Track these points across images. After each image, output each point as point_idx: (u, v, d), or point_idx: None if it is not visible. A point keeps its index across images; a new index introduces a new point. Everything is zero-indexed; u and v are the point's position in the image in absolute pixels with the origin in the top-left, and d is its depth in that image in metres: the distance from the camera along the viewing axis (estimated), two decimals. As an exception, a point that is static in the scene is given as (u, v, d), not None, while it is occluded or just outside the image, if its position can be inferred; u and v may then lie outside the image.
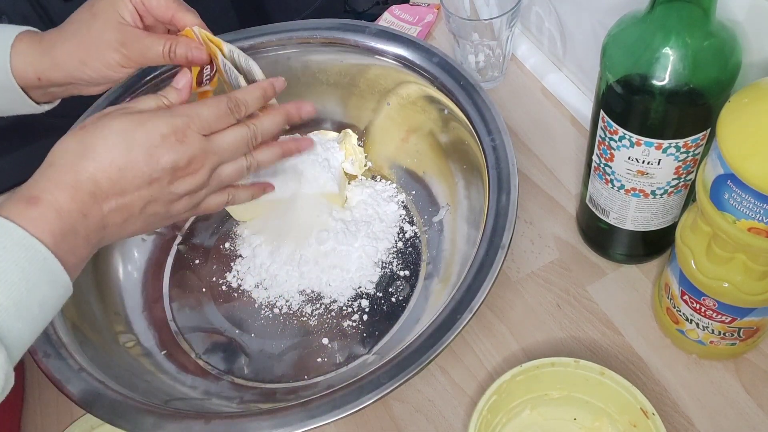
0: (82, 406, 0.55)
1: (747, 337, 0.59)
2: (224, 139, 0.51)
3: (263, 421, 0.53)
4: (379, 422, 0.62)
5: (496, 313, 0.67)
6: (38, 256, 0.42)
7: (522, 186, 0.73)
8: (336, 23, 0.74)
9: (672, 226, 0.61)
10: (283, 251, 0.69)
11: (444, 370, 0.64)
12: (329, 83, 0.76)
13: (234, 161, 0.53)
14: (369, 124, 0.77)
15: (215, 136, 0.51)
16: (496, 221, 0.59)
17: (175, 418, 0.54)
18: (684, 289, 0.57)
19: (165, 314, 0.69)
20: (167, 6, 0.56)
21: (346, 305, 0.68)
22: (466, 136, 0.67)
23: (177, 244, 0.74)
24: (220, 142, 0.51)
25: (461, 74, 0.68)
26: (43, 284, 0.42)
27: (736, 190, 0.46)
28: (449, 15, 0.76)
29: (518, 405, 0.59)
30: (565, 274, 0.68)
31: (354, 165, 0.74)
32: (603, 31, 0.70)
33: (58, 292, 0.44)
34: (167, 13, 0.56)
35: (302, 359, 0.65)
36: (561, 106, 0.80)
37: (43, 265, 0.42)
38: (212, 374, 0.65)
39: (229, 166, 0.53)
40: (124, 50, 0.55)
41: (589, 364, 0.57)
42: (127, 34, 0.55)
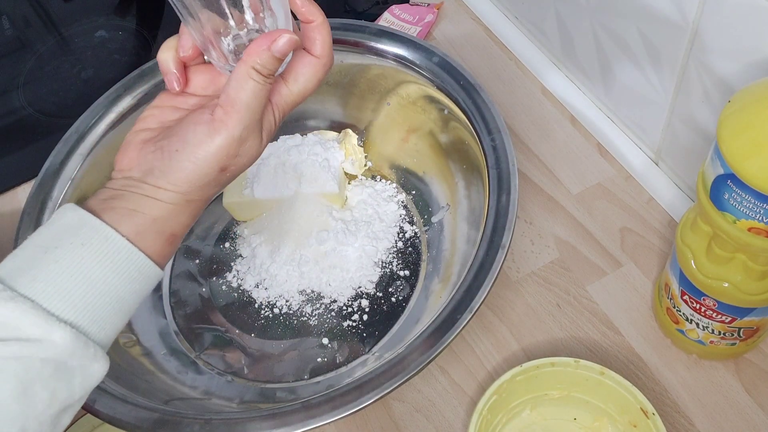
0: (82, 406, 0.55)
1: (747, 337, 0.59)
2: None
3: (263, 421, 0.53)
4: (379, 422, 0.62)
5: (496, 313, 0.67)
6: (152, 274, 0.45)
7: (522, 186, 0.74)
8: (336, 23, 0.74)
9: None
10: (283, 251, 0.69)
11: (444, 370, 0.64)
12: (329, 83, 0.76)
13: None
14: (369, 124, 0.77)
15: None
16: (496, 221, 0.59)
17: (175, 418, 0.54)
18: (684, 289, 0.57)
19: (165, 314, 0.69)
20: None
21: (346, 305, 0.68)
22: (466, 136, 0.67)
23: (177, 244, 0.74)
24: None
25: (461, 74, 0.68)
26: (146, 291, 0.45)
27: (736, 190, 0.46)
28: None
29: (518, 405, 0.59)
30: (565, 274, 0.68)
31: (354, 165, 0.74)
32: (603, 30, 0.71)
33: (153, 282, 0.45)
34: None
35: (302, 359, 0.65)
36: (561, 106, 0.80)
37: (154, 278, 0.45)
38: (212, 374, 0.65)
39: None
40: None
41: (589, 364, 0.57)
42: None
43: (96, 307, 0.41)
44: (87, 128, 0.69)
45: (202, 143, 0.45)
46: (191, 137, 0.45)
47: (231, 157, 0.46)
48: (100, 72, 0.89)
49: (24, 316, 0.38)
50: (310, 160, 0.72)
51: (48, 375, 0.39)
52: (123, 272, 0.42)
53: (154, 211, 0.44)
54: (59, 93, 0.87)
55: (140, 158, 0.46)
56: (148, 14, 0.95)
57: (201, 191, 0.46)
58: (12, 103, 0.86)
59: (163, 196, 0.45)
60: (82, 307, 0.40)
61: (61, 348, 0.39)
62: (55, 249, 0.41)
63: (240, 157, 0.46)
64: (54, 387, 0.39)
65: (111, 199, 0.44)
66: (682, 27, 0.61)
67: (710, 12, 0.57)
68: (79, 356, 0.40)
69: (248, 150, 0.47)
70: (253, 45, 0.45)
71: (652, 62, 0.67)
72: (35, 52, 0.92)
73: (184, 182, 0.45)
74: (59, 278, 0.40)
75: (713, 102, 0.62)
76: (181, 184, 0.45)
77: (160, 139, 0.46)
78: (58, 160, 0.68)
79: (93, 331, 0.41)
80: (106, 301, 0.41)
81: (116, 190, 0.45)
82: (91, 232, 0.42)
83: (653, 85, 0.68)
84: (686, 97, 0.65)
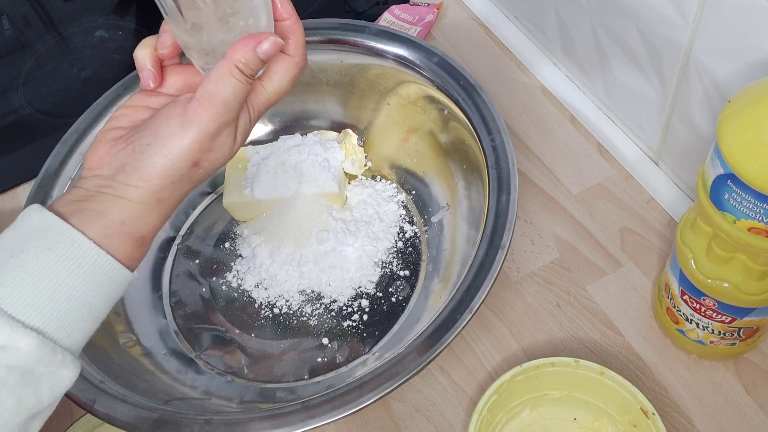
0: (82, 406, 0.55)
1: (747, 337, 0.59)
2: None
3: (263, 421, 0.53)
4: (379, 422, 0.62)
5: (496, 313, 0.67)
6: (121, 278, 0.44)
7: (522, 186, 0.74)
8: (336, 23, 0.74)
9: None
10: (283, 251, 0.69)
11: (444, 370, 0.64)
12: (329, 83, 0.76)
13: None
14: (369, 124, 0.77)
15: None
16: (496, 221, 0.59)
17: (175, 418, 0.54)
18: (684, 289, 0.57)
19: (165, 314, 0.69)
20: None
21: (346, 305, 0.68)
22: (466, 136, 0.67)
23: (177, 244, 0.74)
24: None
25: (461, 74, 0.68)
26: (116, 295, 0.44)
27: (736, 190, 0.46)
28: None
29: (518, 405, 0.59)
30: (565, 274, 0.68)
31: (354, 165, 0.74)
32: (603, 30, 0.71)
33: (123, 286, 0.44)
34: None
35: (302, 359, 0.65)
36: (561, 106, 0.80)
37: (123, 283, 0.44)
38: (212, 374, 0.65)
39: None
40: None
41: (589, 364, 0.57)
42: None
43: (63, 312, 0.40)
44: (87, 128, 0.70)
45: (174, 136, 0.44)
46: (163, 130, 0.45)
47: (204, 152, 0.45)
48: (100, 72, 0.89)
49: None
50: (310, 160, 0.72)
51: (14, 382, 0.38)
52: (90, 277, 0.41)
53: (123, 212, 0.44)
54: (59, 93, 0.87)
55: (110, 156, 0.45)
56: (147, 14, 0.95)
57: (173, 188, 0.45)
58: (12, 102, 0.86)
59: (132, 195, 0.44)
60: (49, 313, 0.40)
61: (27, 355, 0.38)
62: (21, 253, 0.40)
63: (213, 152, 0.46)
64: (20, 394, 0.39)
65: (79, 200, 0.44)
66: (682, 27, 0.61)
67: (710, 12, 0.57)
68: (47, 363, 0.39)
69: (221, 146, 0.46)
70: (238, 44, 0.45)
71: (652, 62, 0.67)
72: (35, 52, 0.92)
73: (156, 178, 0.44)
74: (24, 283, 0.39)
75: (713, 102, 0.62)
76: (153, 180, 0.44)
77: (131, 136, 0.46)
78: (58, 160, 0.68)
79: (60, 337, 0.40)
80: (74, 306, 0.41)
81: (85, 190, 0.44)
82: (57, 236, 0.41)
83: (653, 85, 0.68)
84: (686, 96, 0.65)
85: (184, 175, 0.45)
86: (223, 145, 0.46)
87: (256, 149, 0.74)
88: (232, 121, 0.46)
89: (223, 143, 0.46)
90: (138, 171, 0.44)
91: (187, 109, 0.45)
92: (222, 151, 0.47)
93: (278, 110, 0.78)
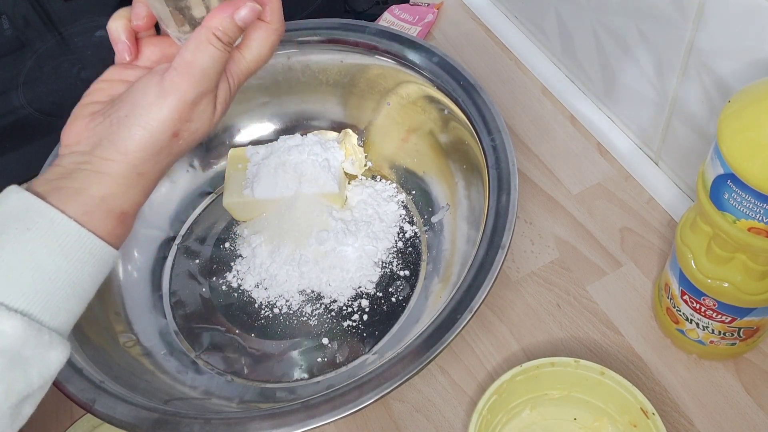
0: (82, 406, 0.55)
1: (747, 337, 0.59)
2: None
3: (263, 421, 0.53)
4: (379, 422, 0.62)
5: (496, 313, 0.67)
6: (105, 255, 0.43)
7: (522, 186, 0.74)
8: (336, 23, 0.74)
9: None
10: (283, 251, 0.69)
11: (444, 370, 0.64)
12: (329, 83, 0.76)
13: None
14: (369, 124, 0.77)
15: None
16: (496, 221, 0.59)
17: (175, 418, 0.54)
18: (684, 289, 0.57)
19: (165, 314, 0.69)
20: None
21: (346, 305, 0.68)
22: (466, 136, 0.67)
23: (177, 244, 0.74)
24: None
25: (461, 74, 0.68)
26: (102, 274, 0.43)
27: (736, 190, 0.46)
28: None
29: (518, 405, 0.59)
30: (565, 274, 0.68)
31: (354, 165, 0.74)
32: (603, 30, 0.71)
33: (109, 263, 0.44)
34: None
35: (302, 359, 0.66)
36: (561, 106, 0.80)
37: (108, 260, 0.43)
38: (212, 374, 0.65)
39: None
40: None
41: (589, 364, 0.57)
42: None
43: (47, 293, 0.40)
44: (87, 128, 0.69)
45: (152, 106, 0.44)
46: (140, 100, 0.44)
47: (183, 122, 0.45)
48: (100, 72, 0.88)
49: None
50: (310, 160, 0.72)
51: (2, 367, 0.38)
52: (73, 256, 0.41)
53: (103, 188, 0.43)
54: (59, 92, 0.87)
55: (88, 131, 0.45)
56: (148, 14, 0.95)
57: (153, 161, 0.45)
58: (12, 102, 0.86)
59: (111, 169, 0.43)
60: (32, 294, 0.39)
61: (13, 338, 0.38)
62: (0, 235, 0.40)
63: (192, 122, 0.45)
64: (9, 378, 0.38)
65: (57, 179, 0.43)
66: (682, 27, 0.61)
67: (710, 12, 0.57)
68: (33, 345, 0.39)
69: (201, 116, 0.46)
70: (215, 11, 0.45)
71: (652, 62, 0.67)
72: (35, 52, 0.92)
73: (135, 150, 0.44)
74: (5, 266, 0.39)
75: (713, 102, 0.62)
76: (132, 153, 0.44)
77: (108, 109, 0.45)
78: (58, 159, 0.68)
79: (46, 318, 0.40)
80: (58, 286, 0.40)
81: (63, 168, 0.44)
82: (36, 216, 0.40)
83: (653, 85, 0.68)
84: (686, 96, 0.65)
85: (164, 147, 0.45)
86: (202, 114, 0.46)
87: (256, 149, 0.74)
88: (211, 90, 0.45)
89: (203, 113, 0.46)
90: (116, 144, 0.43)
91: (164, 79, 0.44)
92: (202, 121, 0.46)
93: (278, 110, 0.78)
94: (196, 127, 0.46)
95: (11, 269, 0.39)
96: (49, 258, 0.40)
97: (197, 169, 0.77)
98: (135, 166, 0.44)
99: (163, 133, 0.44)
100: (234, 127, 0.78)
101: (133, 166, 0.44)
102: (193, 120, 0.45)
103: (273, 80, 0.76)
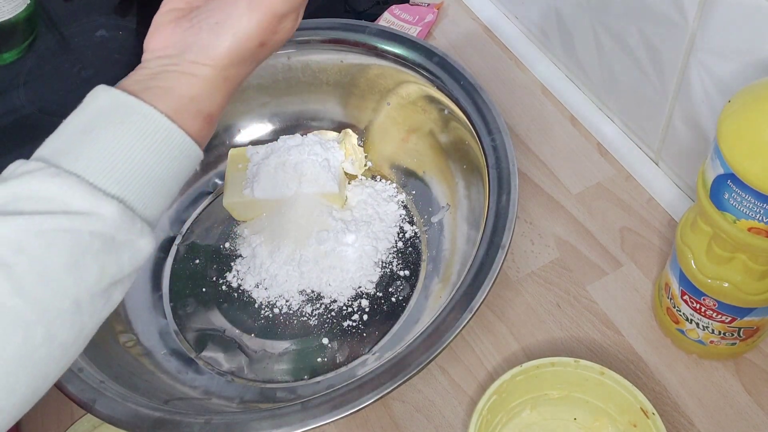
0: (82, 406, 0.55)
1: (747, 336, 0.59)
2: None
3: (263, 421, 0.53)
4: (379, 422, 0.62)
5: (496, 313, 0.67)
6: (192, 154, 0.44)
7: (522, 186, 0.73)
8: (336, 23, 0.74)
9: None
10: (283, 251, 0.69)
11: (444, 370, 0.64)
12: (329, 83, 0.76)
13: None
14: (369, 124, 0.77)
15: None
16: (496, 221, 0.59)
17: (175, 418, 0.54)
18: (684, 288, 0.57)
19: (165, 314, 0.69)
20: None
21: (346, 305, 0.68)
22: (466, 136, 0.67)
23: (177, 244, 0.74)
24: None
25: (461, 74, 0.68)
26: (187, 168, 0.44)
27: (736, 190, 0.46)
28: None
29: (518, 405, 0.59)
30: (565, 274, 0.68)
31: (354, 165, 0.74)
32: (603, 30, 0.71)
33: (194, 163, 0.45)
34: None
35: (302, 359, 0.66)
36: (561, 106, 0.80)
37: (195, 159, 0.44)
38: (212, 374, 0.65)
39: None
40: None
41: (589, 364, 0.57)
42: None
43: (140, 184, 0.41)
44: (87, 128, 0.69)
45: (242, 16, 0.44)
46: (231, 10, 0.45)
47: (271, 33, 0.46)
48: (101, 71, 0.89)
49: (71, 190, 0.38)
50: (310, 160, 0.72)
51: (97, 248, 0.39)
52: (164, 151, 0.42)
53: (193, 89, 0.44)
54: (60, 92, 0.87)
55: (175, 36, 0.45)
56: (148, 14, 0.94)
57: (239, 67, 0.46)
58: (13, 102, 0.86)
59: (201, 72, 0.44)
60: (126, 184, 0.40)
61: (110, 222, 0.39)
62: (93, 129, 0.41)
63: (278, 34, 0.46)
64: (104, 261, 0.39)
65: (145, 79, 0.44)
66: (682, 27, 0.61)
67: (710, 12, 0.57)
68: (126, 231, 0.40)
69: (286, 26, 0.47)
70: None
71: (652, 62, 0.67)
72: (35, 52, 0.92)
73: (224, 57, 0.44)
74: (101, 156, 0.40)
75: (713, 102, 0.62)
76: (221, 59, 0.44)
77: (196, 16, 0.46)
78: (58, 160, 0.68)
79: (138, 207, 0.41)
80: (150, 179, 0.41)
81: (150, 70, 0.44)
82: (129, 111, 0.41)
83: (653, 85, 0.68)
84: (686, 97, 0.65)
85: (250, 55, 0.46)
86: (287, 25, 0.47)
87: (256, 149, 0.74)
88: (300, 5, 0.47)
89: (288, 24, 0.47)
90: (206, 50, 0.44)
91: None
92: (286, 32, 0.47)
93: (278, 110, 0.78)
94: (280, 37, 0.47)
95: (107, 159, 0.40)
96: (142, 151, 0.41)
97: (197, 169, 0.77)
98: (222, 70, 0.45)
99: (251, 41, 0.45)
100: (234, 127, 0.78)
101: (222, 70, 0.45)
102: (279, 32, 0.46)
103: (273, 80, 0.76)
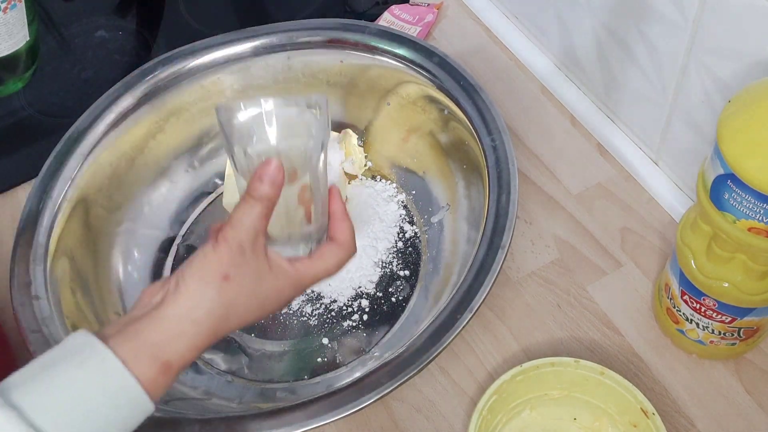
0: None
1: (747, 336, 0.59)
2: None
3: (263, 421, 0.53)
4: (379, 422, 0.62)
5: (496, 313, 0.67)
6: (140, 405, 0.44)
7: (522, 186, 0.73)
8: (336, 23, 0.74)
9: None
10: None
11: (444, 370, 0.64)
12: (329, 83, 0.76)
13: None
14: (369, 124, 0.77)
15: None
16: (496, 221, 0.59)
17: (175, 417, 0.54)
18: (684, 289, 0.57)
19: (165, 314, 0.69)
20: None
21: (346, 305, 0.68)
22: (466, 136, 0.67)
23: (177, 244, 0.74)
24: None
25: (461, 74, 0.68)
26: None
27: (736, 190, 0.46)
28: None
29: (518, 405, 0.59)
30: (565, 274, 0.68)
31: (354, 165, 0.74)
32: (603, 30, 0.71)
33: (141, 413, 0.44)
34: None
35: (302, 359, 0.66)
36: (561, 106, 0.80)
37: (143, 409, 0.44)
38: (212, 374, 0.65)
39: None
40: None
41: (589, 364, 0.57)
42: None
43: (78, 428, 0.41)
44: (87, 128, 0.70)
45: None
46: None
47: (233, 266, 0.48)
48: (100, 72, 0.89)
49: (9, 424, 0.39)
50: (310, 160, 0.72)
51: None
52: (110, 397, 0.42)
53: (157, 334, 0.45)
54: (59, 93, 0.87)
55: (157, 287, 0.48)
56: (148, 14, 0.95)
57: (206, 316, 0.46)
58: (12, 103, 0.86)
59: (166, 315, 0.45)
60: (64, 425, 0.41)
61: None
62: (54, 367, 0.42)
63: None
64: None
65: (130, 320, 0.45)
66: (682, 27, 0.61)
67: (710, 12, 0.57)
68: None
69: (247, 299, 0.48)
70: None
71: (652, 62, 0.67)
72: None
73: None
74: (50, 395, 0.41)
75: (713, 102, 0.62)
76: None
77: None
78: (58, 160, 0.68)
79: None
80: (91, 424, 0.41)
81: (138, 311, 0.46)
82: (91, 353, 0.43)
83: (653, 85, 0.68)
84: (686, 97, 0.65)
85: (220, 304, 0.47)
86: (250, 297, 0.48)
87: (256, 149, 0.74)
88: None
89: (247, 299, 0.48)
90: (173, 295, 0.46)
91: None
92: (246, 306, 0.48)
93: (278, 110, 0.78)
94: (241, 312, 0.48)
95: (55, 399, 0.41)
96: (90, 395, 0.42)
97: (197, 169, 0.77)
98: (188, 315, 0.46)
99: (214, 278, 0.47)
100: (234, 127, 0.78)
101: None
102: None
103: (273, 80, 0.76)
